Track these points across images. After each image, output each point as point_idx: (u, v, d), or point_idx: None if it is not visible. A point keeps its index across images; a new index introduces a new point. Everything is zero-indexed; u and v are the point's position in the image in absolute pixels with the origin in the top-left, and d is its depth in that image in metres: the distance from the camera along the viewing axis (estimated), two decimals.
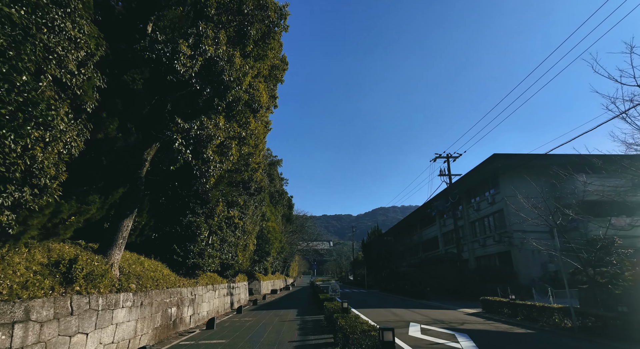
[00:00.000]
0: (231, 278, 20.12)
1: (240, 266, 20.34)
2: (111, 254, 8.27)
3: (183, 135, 8.31)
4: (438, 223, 39.68)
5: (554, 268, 25.61)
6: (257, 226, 23.65)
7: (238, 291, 21.87)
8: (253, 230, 22.29)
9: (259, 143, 15.77)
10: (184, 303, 12.29)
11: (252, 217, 21.81)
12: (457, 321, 12.52)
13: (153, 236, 12.96)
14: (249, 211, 20.58)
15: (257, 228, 23.54)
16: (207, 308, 15.49)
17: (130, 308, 8.29)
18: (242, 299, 22.97)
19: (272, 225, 28.73)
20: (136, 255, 11.15)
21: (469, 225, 32.56)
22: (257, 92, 10.69)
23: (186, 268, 13.82)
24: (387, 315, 14.89)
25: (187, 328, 12.27)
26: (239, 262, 19.37)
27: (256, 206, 22.39)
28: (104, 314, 7.18)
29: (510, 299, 13.61)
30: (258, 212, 22.72)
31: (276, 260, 38.26)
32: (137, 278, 9.14)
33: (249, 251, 21.69)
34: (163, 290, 10.60)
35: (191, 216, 13.24)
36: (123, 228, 8.53)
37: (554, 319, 11.34)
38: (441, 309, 17.82)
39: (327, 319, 11.39)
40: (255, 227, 22.97)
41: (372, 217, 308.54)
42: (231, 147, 9.98)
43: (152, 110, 8.77)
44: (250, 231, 21.35)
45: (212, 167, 9.42)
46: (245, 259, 20.94)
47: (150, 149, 9.18)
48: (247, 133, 11.02)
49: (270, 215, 29.41)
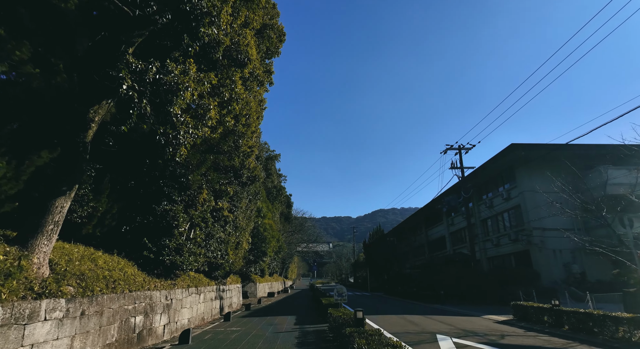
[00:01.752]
0: (221, 280, 17.74)
1: (232, 267, 17.95)
2: (34, 245, 5.91)
3: (136, 79, 5.97)
4: (445, 222, 37.35)
5: (578, 269, 23.26)
6: (252, 222, 21.28)
7: (230, 294, 19.47)
8: (247, 226, 19.91)
9: (252, 122, 13.44)
10: (154, 310, 9.92)
11: (246, 212, 19.43)
12: (493, 333, 10.18)
13: (123, 229, 10.62)
14: (242, 205, 18.22)
15: (251, 224, 21.17)
16: (189, 315, 13.12)
17: (61, 320, 5.93)
18: (235, 304, 20.57)
19: (269, 223, 26.41)
20: (92, 250, 8.79)
21: (480, 223, 30.23)
22: (243, 40, 8.37)
23: (163, 268, 11.46)
24: (404, 324, 12.53)
25: (159, 341, 9.90)
26: (230, 262, 16.98)
27: (250, 199, 20.02)
28: (6, 331, 4.82)
29: (554, 305, 11.26)
30: (252, 206, 20.37)
31: (274, 261, 35.87)
32: (79, 279, 6.78)
33: (242, 249, 19.31)
34: (123, 294, 8.24)
35: (167, 204, 10.89)
36: (55, 210, 6.18)
37: (619, 332, 8.99)
38: (462, 315, 15.46)
39: (334, 331, 9.05)
40: (250, 223, 20.61)
41: (372, 219, 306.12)
42: (209, 108, 7.65)
43: (98, 51, 6.43)
44: (243, 228, 18.96)
45: (183, 131, 7.10)
46: (237, 258, 18.55)
47: (99, 107, 6.82)
48: (232, 95, 8.69)
49: (267, 211, 27.07)
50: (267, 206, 27.37)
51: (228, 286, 19.09)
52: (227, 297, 18.96)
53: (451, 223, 35.85)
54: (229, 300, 19.29)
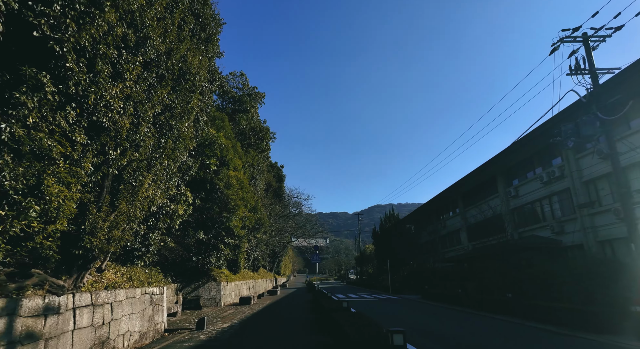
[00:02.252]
0: (52, 284, 6.27)
1: (99, 242, 6.53)
2: None
3: None
4: (503, 193, 26.13)
5: None
6: (188, 144, 9.87)
7: (102, 315, 8.09)
8: (168, 147, 8.55)
9: None
10: None
11: (175, 115, 8.01)
12: None
13: None
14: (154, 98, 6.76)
15: (183, 155, 9.74)
16: None
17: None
18: (129, 338, 9.18)
19: (235, 175, 15.07)
20: None
21: (582, 185, 19.04)
22: None
23: None
24: None
25: None
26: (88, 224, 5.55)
27: (185, 99, 8.57)
28: None
29: None
30: (177, 107, 8.88)
31: (255, 249, 24.44)
32: None
33: (145, 198, 7.89)
34: None
35: None
36: None
37: None
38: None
39: None
40: (181, 146, 9.20)
41: (369, 215, 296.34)
42: None
43: None
44: (156, 146, 7.55)
45: None
46: (120, 218, 7.11)
47: None
48: None
49: (235, 157, 15.70)
50: (234, 147, 16.01)
51: (80, 298, 7.61)
52: (87, 323, 7.52)
53: (515, 194, 24.60)
54: (113, 329, 7.86)
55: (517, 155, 24.19)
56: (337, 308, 8.80)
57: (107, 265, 8.45)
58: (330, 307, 9.43)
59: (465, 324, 11.78)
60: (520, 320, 12.46)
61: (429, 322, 11.97)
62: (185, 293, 16.96)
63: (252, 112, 23.95)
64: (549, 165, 21.90)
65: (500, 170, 26.83)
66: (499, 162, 25.46)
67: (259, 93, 25.51)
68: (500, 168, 26.56)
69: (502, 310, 14.87)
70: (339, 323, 7.07)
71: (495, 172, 27.37)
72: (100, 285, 7.34)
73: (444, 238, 38.42)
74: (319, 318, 12.22)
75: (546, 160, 22.38)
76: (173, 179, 9.83)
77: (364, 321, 6.43)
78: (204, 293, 17.31)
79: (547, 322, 11.76)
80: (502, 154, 24.48)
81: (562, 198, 20.69)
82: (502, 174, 26.83)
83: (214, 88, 13.07)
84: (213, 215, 13.75)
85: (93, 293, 6.88)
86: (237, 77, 25.26)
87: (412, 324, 11.06)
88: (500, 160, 25.35)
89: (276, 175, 35.48)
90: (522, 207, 24.35)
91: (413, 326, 10.77)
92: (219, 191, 13.92)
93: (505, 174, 26.69)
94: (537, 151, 22.86)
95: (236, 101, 23.68)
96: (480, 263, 25.70)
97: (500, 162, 25.66)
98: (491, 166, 26.54)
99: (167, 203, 10.26)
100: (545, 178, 21.27)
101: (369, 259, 61.62)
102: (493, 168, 26.79)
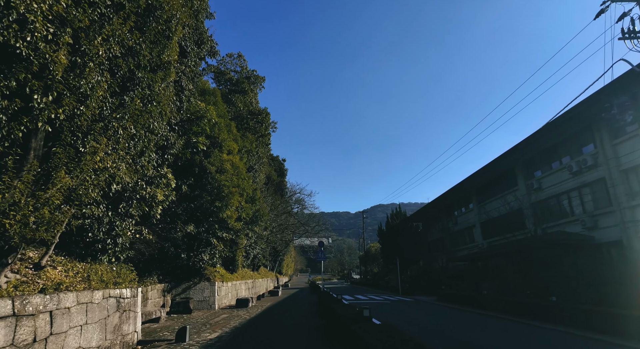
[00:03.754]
0: None
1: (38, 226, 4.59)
2: None
3: None
4: (524, 186, 24.06)
5: None
6: (159, 119, 7.86)
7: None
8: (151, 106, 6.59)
9: None
10: None
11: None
12: None
13: None
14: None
15: (157, 125, 7.73)
16: None
17: None
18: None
19: (229, 160, 13.09)
20: None
21: (620, 174, 16.96)
22: None
23: None
24: None
25: None
26: None
27: None
28: None
29: None
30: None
31: (255, 246, 22.46)
32: None
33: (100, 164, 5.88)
34: None
35: None
36: None
37: None
38: None
39: None
40: (165, 100, 7.23)
41: (371, 214, 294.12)
42: None
43: None
44: (133, 113, 5.60)
45: None
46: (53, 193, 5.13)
47: None
48: None
49: (228, 139, 13.71)
50: (228, 128, 13.98)
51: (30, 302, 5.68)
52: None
53: (538, 186, 22.51)
54: (53, 347, 5.92)
55: (540, 144, 22.08)
56: (356, 318, 6.80)
57: (55, 259, 6.49)
58: (345, 315, 7.41)
59: (531, 338, 9.73)
60: (568, 329, 10.42)
61: (481, 337, 9.90)
62: (174, 294, 15.01)
63: (251, 95, 21.84)
64: (578, 154, 19.81)
65: (520, 161, 24.73)
66: (519, 152, 23.36)
67: (259, 77, 23.38)
68: (520, 159, 24.46)
69: (543, 315, 12.83)
70: (351, 330, 5.12)
71: (514, 164, 25.26)
72: (33, 286, 5.36)
73: (455, 236, 36.34)
74: (327, 326, 10.23)
75: (575, 148, 20.28)
76: (147, 154, 7.85)
77: (404, 343, 4.43)
78: (195, 294, 15.35)
79: (595, 330, 9.71)
80: (523, 143, 22.38)
81: (595, 190, 18.61)
82: (523, 165, 24.73)
83: (202, 53, 11.05)
84: (203, 203, 11.74)
85: (17, 298, 4.90)
86: (235, 59, 23.15)
87: (466, 343, 8.96)
88: (521, 150, 23.23)
89: (277, 169, 33.49)
90: (546, 200, 22.24)
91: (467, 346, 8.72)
92: (210, 177, 11.89)
93: (525, 165, 24.60)
94: (564, 139, 20.77)
95: (233, 83, 21.59)
96: (501, 261, 23.68)
97: (521, 153, 23.55)
98: (510, 157, 24.43)
99: (142, 186, 8.29)
100: (575, 167, 19.19)
101: (374, 258, 59.60)
102: (512, 159, 24.69)
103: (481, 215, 30.71)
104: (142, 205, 8.59)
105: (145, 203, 8.68)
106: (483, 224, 30.41)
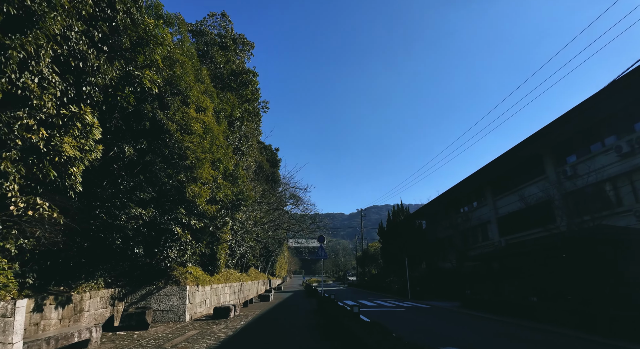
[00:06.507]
0: None
1: None
2: None
3: None
4: (553, 174, 20.91)
5: None
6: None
7: None
8: None
9: None
10: None
11: None
12: None
13: None
14: None
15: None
16: None
17: None
18: None
19: (199, 118, 9.57)
20: None
21: None
22: None
23: None
24: None
25: None
26: None
27: None
28: None
29: None
30: None
31: (241, 243, 18.89)
32: None
33: None
34: None
35: None
36: None
37: None
38: None
39: None
40: None
41: (366, 215, 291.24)
42: None
43: None
44: None
45: None
46: None
47: None
48: None
49: (201, 95, 10.16)
50: (198, 74, 10.44)
51: None
52: None
53: (572, 173, 19.35)
54: None
55: (576, 125, 18.96)
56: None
57: None
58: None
59: None
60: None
61: None
62: (129, 302, 11.42)
63: (237, 61, 18.13)
64: (628, 132, 16.70)
65: (548, 146, 21.58)
66: (547, 135, 20.21)
67: (247, 41, 19.70)
68: (549, 143, 21.31)
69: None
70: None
71: (540, 149, 22.09)
72: None
73: (465, 234, 33.08)
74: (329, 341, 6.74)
75: (623, 125, 17.17)
76: (39, 64, 4.34)
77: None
78: (159, 302, 11.77)
79: None
80: (554, 124, 19.25)
81: None
82: (551, 150, 21.57)
83: None
84: (158, 175, 8.15)
85: None
86: (217, 19, 19.34)
87: None
88: (550, 133, 20.07)
89: (270, 158, 30.00)
90: (582, 189, 19.05)
91: None
92: (169, 137, 8.35)
93: (555, 150, 21.46)
94: (607, 116, 17.65)
95: (215, 45, 17.98)
96: (533, 259, 20.36)
97: (549, 136, 20.40)
98: (535, 141, 21.23)
99: (29, 125, 4.78)
100: (626, 148, 16.07)
101: (373, 259, 56.28)
102: (538, 143, 21.50)
103: (497, 210, 27.55)
104: (40, 165, 5.08)
105: (45, 159, 5.16)
106: (499, 219, 27.24)
